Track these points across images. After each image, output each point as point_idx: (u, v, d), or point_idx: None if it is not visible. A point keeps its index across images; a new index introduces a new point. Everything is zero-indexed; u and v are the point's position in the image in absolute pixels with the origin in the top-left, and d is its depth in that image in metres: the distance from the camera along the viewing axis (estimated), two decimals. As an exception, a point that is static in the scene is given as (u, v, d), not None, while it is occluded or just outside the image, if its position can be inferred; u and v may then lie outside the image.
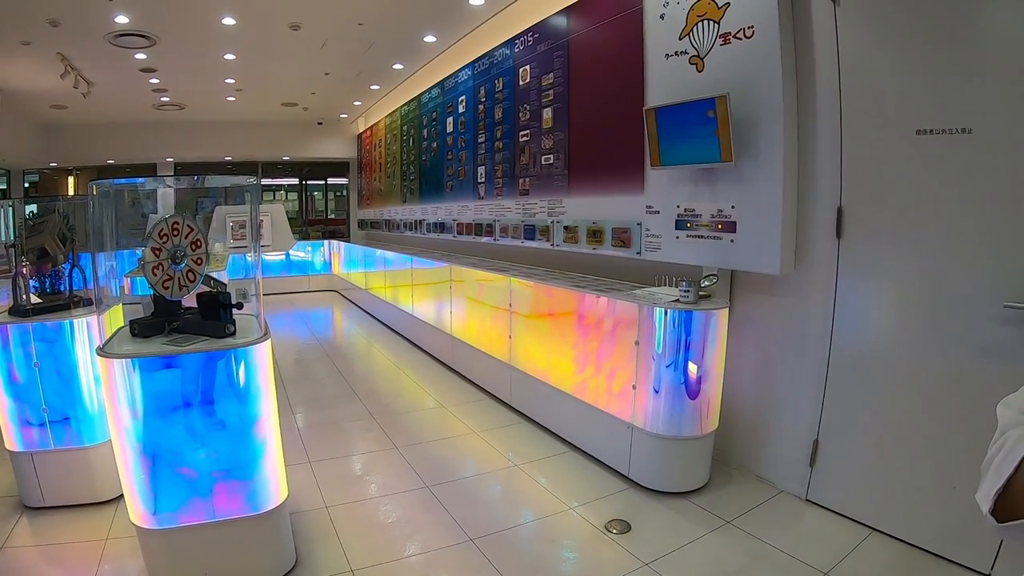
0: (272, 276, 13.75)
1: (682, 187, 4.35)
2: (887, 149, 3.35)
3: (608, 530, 3.54)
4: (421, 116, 9.90)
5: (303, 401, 6.13)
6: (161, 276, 2.92)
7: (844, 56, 3.54)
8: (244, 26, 7.33)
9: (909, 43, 3.27)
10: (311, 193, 17.89)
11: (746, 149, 3.84)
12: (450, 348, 7.20)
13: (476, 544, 3.39)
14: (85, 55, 8.20)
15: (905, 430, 3.34)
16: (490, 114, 7.30)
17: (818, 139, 3.69)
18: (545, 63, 6.07)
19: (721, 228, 4.06)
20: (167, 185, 3.86)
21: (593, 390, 4.49)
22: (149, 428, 2.67)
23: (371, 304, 11.14)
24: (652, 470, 4.03)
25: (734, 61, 3.93)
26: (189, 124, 13.42)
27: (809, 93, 3.72)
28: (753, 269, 3.98)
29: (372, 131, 13.43)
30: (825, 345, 3.71)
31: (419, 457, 4.58)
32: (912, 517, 3.31)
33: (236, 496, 2.87)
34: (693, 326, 3.86)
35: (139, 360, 2.65)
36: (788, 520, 3.68)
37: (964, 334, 3.05)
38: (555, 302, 5.01)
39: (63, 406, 3.63)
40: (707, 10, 4.07)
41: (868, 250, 3.49)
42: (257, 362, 2.87)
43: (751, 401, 4.21)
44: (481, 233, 7.55)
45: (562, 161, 5.82)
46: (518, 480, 4.28)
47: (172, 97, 11.24)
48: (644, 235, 4.71)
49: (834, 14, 3.55)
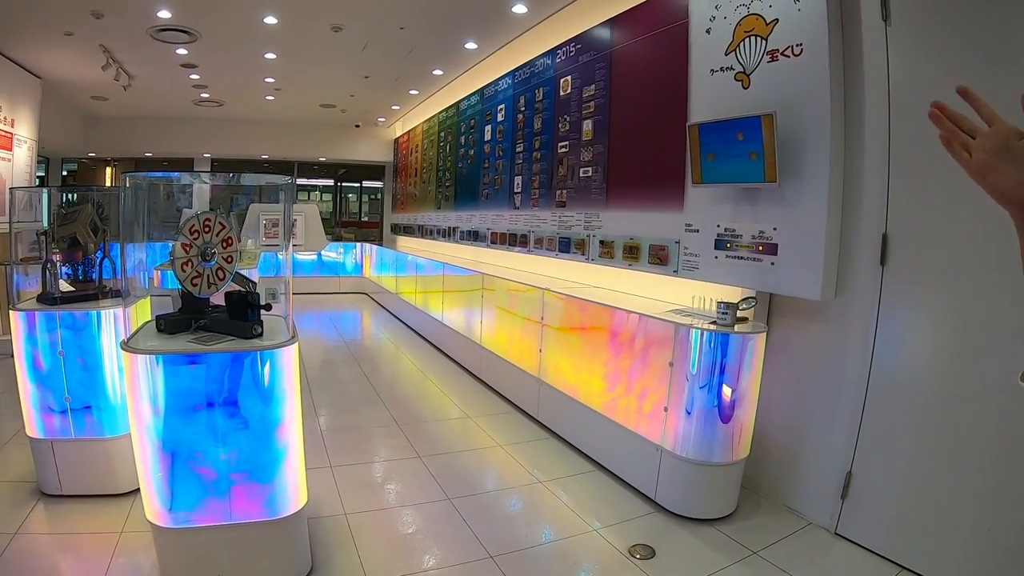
0: (303, 276, 13.81)
1: (723, 206, 4.25)
2: (936, 178, 3.23)
3: (632, 555, 3.44)
4: (459, 123, 9.87)
5: (327, 404, 6.10)
6: (190, 273, 2.89)
7: (894, 78, 3.43)
8: (285, 26, 7.35)
9: (963, 68, 3.15)
10: (346, 195, 17.99)
11: (791, 170, 3.74)
12: (478, 358, 7.14)
13: (495, 561, 3.31)
14: (127, 48, 8.28)
15: (941, 468, 3.21)
16: (529, 124, 7.24)
17: (865, 163, 3.58)
18: (586, 74, 6.00)
19: (762, 250, 3.96)
20: (203, 181, 3.84)
21: (623, 409, 4.40)
22: (170, 425, 2.64)
23: (400, 309, 11.13)
24: (679, 495, 3.93)
25: (781, 79, 3.83)
26: (227, 121, 13.56)
27: (857, 115, 3.61)
28: (793, 294, 3.87)
29: (409, 136, 13.45)
30: (863, 375, 3.59)
31: (442, 467, 4.51)
32: (944, 558, 3.18)
33: (254, 499, 2.82)
34: (729, 349, 3.76)
35: (164, 357, 2.62)
36: (816, 554, 3.56)
37: (1006, 373, 2.92)
38: (588, 317, 4.93)
39: (85, 396, 3.64)
40: (755, 26, 3.98)
41: (912, 280, 3.38)
42: (283, 365, 2.83)
43: (784, 429, 4.09)
44: (515, 243, 7.48)
45: (600, 174, 5.75)
46: (541, 497, 4.19)
47: (211, 94, 11.34)
48: (682, 253, 4.61)
49: (885, 34, 3.45)
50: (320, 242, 9.45)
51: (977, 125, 1.03)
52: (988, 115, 1.01)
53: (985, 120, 1.02)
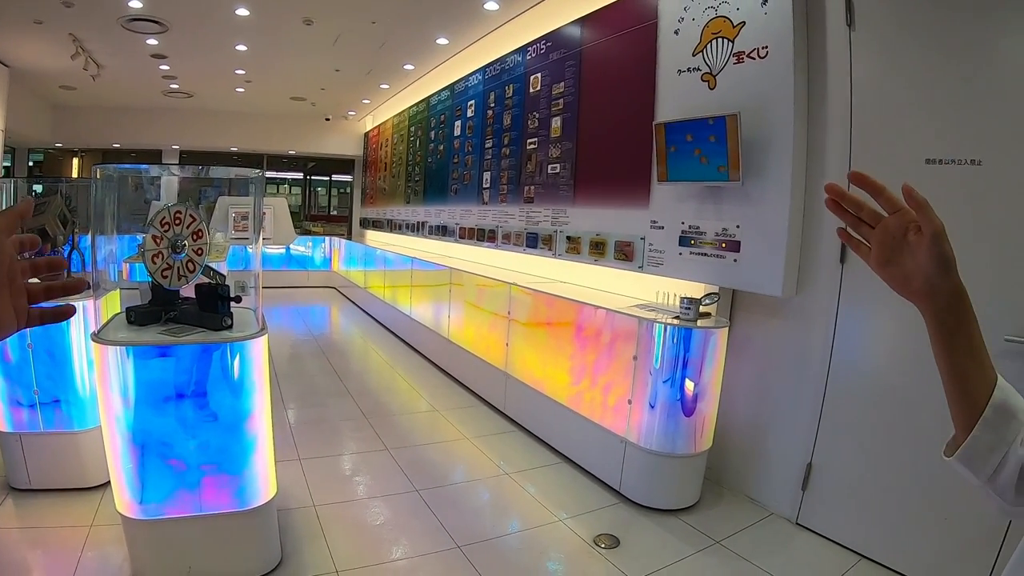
0: (272, 270, 13.71)
1: (688, 203, 4.33)
2: (895, 177, 3.25)
3: (597, 544, 3.51)
4: (429, 118, 9.88)
5: (296, 397, 6.10)
6: (160, 265, 2.90)
7: (857, 81, 3.53)
8: (257, 17, 7.32)
9: (922, 72, 3.27)
10: (315, 188, 17.90)
11: (754, 169, 3.83)
12: (446, 352, 7.18)
13: (463, 551, 3.36)
14: (97, 37, 8.18)
15: (900, 459, 3.32)
16: (499, 120, 7.28)
17: (826, 163, 3.68)
18: (556, 72, 6.06)
19: (725, 247, 4.04)
20: (172, 173, 3.84)
21: (588, 402, 4.48)
22: (140, 417, 2.66)
23: (369, 303, 11.13)
24: (644, 486, 4.01)
25: (746, 80, 3.92)
26: (197, 112, 13.41)
27: (820, 116, 3.71)
28: (755, 290, 3.97)
29: (379, 130, 13.42)
30: (823, 370, 3.70)
31: (409, 460, 4.55)
32: (903, 546, 3.29)
33: (224, 490, 2.85)
34: (692, 344, 3.84)
35: (134, 348, 2.63)
36: (778, 543, 3.66)
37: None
38: (554, 312, 5.00)
39: (55, 389, 3.62)
40: (722, 28, 4.06)
41: (871, 277, 3.45)
42: (253, 357, 2.85)
43: (746, 421, 4.19)
44: (484, 239, 7.52)
45: (568, 171, 5.81)
46: (508, 489, 4.25)
47: (181, 85, 11.22)
48: (647, 250, 4.69)
49: (849, 38, 3.55)
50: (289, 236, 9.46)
51: (878, 211, 0.97)
52: (887, 201, 0.94)
53: (884, 206, 0.95)
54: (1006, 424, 0.94)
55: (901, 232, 0.94)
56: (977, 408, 0.95)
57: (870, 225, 0.98)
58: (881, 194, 0.94)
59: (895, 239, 0.95)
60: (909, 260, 0.94)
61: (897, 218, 0.94)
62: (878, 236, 0.97)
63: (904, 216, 0.93)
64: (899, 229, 0.94)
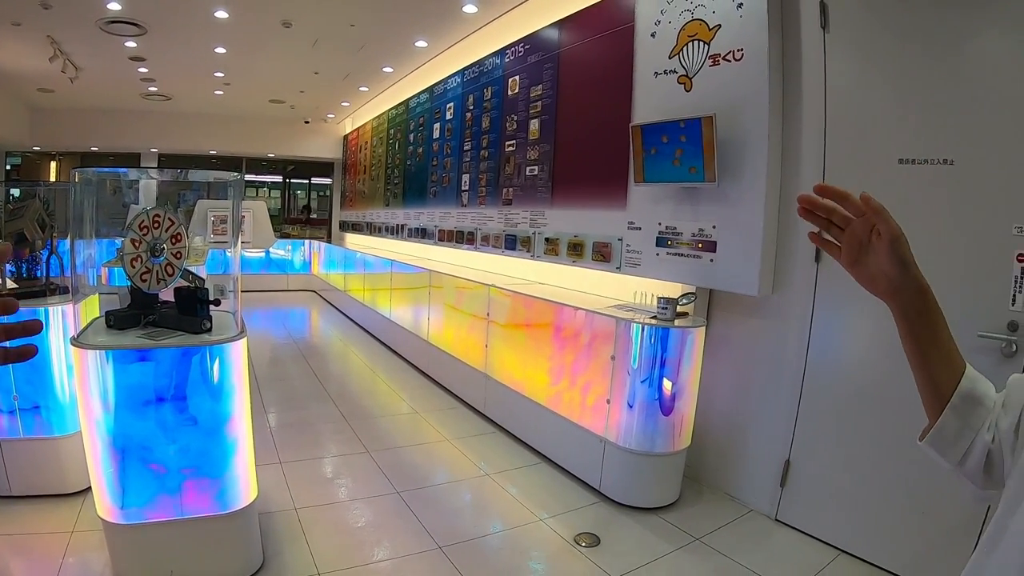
0: (251, 273, 13.63)
1: (664, 204, 4.37)
2: (869, 176, 3.40)
3: (577, 543, 3.54)
4: (408, 121, 9.88)
5: (276, 401, 6.09)
6: (139, 268, 2.90)
7: (831, 83, 3.59)
8: (236, 20, 7.30)
9: (896, 73, 3.33)
10: (294, 192, 17.83)
11: (730, 170, 3.88)
12: (426, 354, 7.19)
13: (445, 552, 3.38)
14: (75, 39, 8.13)
15: (876, 454, 3.37)
16: (477, 122, 7.30)
17: (801, 164, 3.73)
18: (534, 74, 6.09)
19: (701, 247, 4.09)
20: (150, 177, 3.83)
21: (567, 403, 4.51)
22: (120, 421, 2.66)
23: (349, 306, 11.11)
24: (623, 485, 4.05)
25: (722, 82, 3.96)
26: (175, 116, 13.32)
27: (795, 118, 3.76)
28: (731, 289, 4.01)
29: (358, 133, 13.39)
30: (800, 368, 3.75)
31: (390, 462, 4.56)
32: (881, 540, 3.35)
33: (205, 494, 2.85)
34: (669, 343, 3.88)
35: (113, 352, 2.63)
36: (757, 539, 3.70)
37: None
38: (533, 313, 5.03)
39: (34, 394, 3.59)
40: (698, 31, 4.10)
41: (845, 276, 3.50)
42: (232, 360, 2.86)
43: (724, 420, 4.24)
44: (463, 241, 7.54)
45: (546, 173, 5.84)
46: (489, 490, 4.27)
47: (160, 87, 11.16)
48: (625, 251, 4.73)
49: (823, 41, 3.60)
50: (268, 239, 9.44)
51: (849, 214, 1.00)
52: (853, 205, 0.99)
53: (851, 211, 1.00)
54: (972, 411, 1.02)
55: (866, 235, 1.00)
56: (944, 397, 1.03)
57: (840, 228, 1.03)
58: (846, 199, 0.99)
59: (861, 242, 1.01)
60: (873, 261, 1.01)
61: (862, 222, 1.00)
62: (846, 238, 1.02)
63: (868, 220, 0.99)
64: (864, 232, 1.00)
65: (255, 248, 11.80)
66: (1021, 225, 2.85)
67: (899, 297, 1.02)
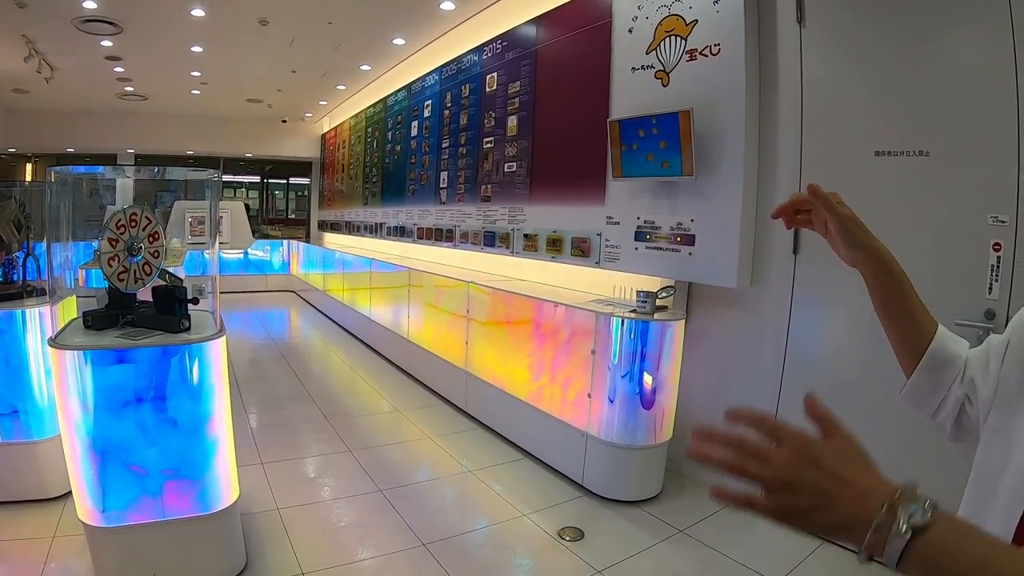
0: (229, 274, 13.50)
1: (642, 199, 4.40)
2: (845, 169, 3.44)
3: (561, 537, 3.55)
4: (386, 119, 9.87)
5: (257, 401, 6.06)
6: (117, 268, 2.88)
7: (807, 77, 3.62)
8: (212, 18, 7.26)
9: (871, 67, 3.37)
10: (272, 192, 17.74)
11: (707, 164, 3.90)
12: (407, 352, 7.19)
13: (429, 549, 3.38)
14: (50, 38, 8.05)
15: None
16: (455, 120, 7.31)
17: (778, 157, 3.76)
18: (512, 71, 6.10)
19: (680, 241, 4.11)
20: (127, 176, 3.80)
21: (548, 398, 4.52)
22: (99, 423, 2.63)
23: (329, 306, 11.07)
24: (606, 478, 4.06)
25: (699, 77, 3.99)
26: (152, 116, 13.22)
27: (772, 112, 3.80)
28: (710, 282, 4.04)
29: (336, 132, 13.35)
30: (779, 359, 3.78)
31: (372, 461, 4.55)
32: (862, 529, 3.37)
33: (186, 495, 2.83)
34: (649, 337, 3.90)
35: (91, 352, 2.61)
36: (741, 530, 3.70)
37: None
38: (512, 310, 5.03)
39: (12, 399, 3.55)
40: (675, 26, 4.13)
41: (823, 267, 3.57)
42: (211, 359, 2.84)
43: (705, 412, 4.25)
44: (441, 238, 7.54)
45: (525, 169, 5.85)
46: (472, 486, 4.28)
47: (136, 87, 11.07)
48: (604, 245, 4.75)
49: (800, 35, 3.64)
50: (247, 240, 9.38)
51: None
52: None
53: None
54: (944, 368, 1.12)
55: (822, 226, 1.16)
56: (917, 355, 1.13)
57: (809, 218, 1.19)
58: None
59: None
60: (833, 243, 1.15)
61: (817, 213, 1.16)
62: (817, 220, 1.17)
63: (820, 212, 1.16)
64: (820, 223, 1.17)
65: (233, 249, 11.74)
66: (997, 215, 2.90)
67: (861, 267, 1.14)
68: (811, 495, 0.72)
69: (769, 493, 0.74)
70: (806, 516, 0.73)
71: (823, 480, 0.72)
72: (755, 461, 0.75)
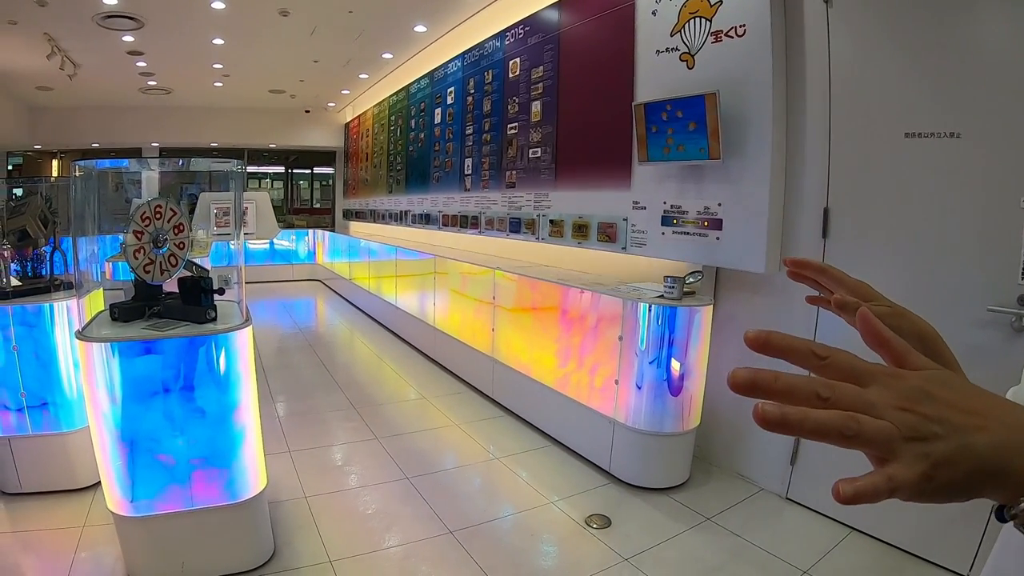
0: (255, 264, 13.63)
1: (669, 183, 4.34)
2: (875, 151, 3.37)
3: (588, 525, 3.54)
4: (409, 106, 9.85)
5: (284, 390, 6.09)
6: (143, 260, 2.89)
7: (835, 57, 3.54)
8: (233, 10, 7.27)
9: (900, 47, 3.28)
10: (297, 182, 17.81)
11: (734, 147, 3.84)
12: (432, 340, 7.19)
13: (456, 536, 3.38)
14: (72, 36, 8.11)
15: (885, 431, 3.34)
16: (479, 106, 7.27)
17: (806, 139, 3.69)
18: (535, 56, 6.05)
19: (707, 225, 4.06)
20: (151, 168, 3.81)
21: (575, 385, 4.49)
22: (127, 413, 2.65)
23: (354, 294, 11.11)
24: (633, 466, 4.04)
25: (725, 59, 3.92)
26: (175, 109, 13.30)
27: (799, 93, 3.72)
28: (738, 267, 3.98)
29: (359, 120, 13.36)
30: (808, 344, 3.72)
31: (399, 448, 4.56)
32: (891, 517, 3.33)
33: (214, 484, 2.85)
34: (677, 322, 3.86)
35: (118, 344, 2.62)
36: (768, 518, 3.69)
37: (947, 337, 3.04)
38: (539, 296, 5.00)
39: (41, 391, 3.58)
40: (699, 7, 4.06)
41: (853, 251, 3.50)
42: (238, 348, 2.85)
43: (733, 399, 4.20)
44: (467, 225, 7.53)
45: (549, 154, 5.81)
46: (498, 473, 4.27)
47: (159, 81, 11.13)
48: (630, 230, 4.71)
49: (826, 15, 3.56)
50: (272, 230, 9.42)
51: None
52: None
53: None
54: None
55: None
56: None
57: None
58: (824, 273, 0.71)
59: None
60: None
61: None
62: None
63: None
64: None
65: (259, 239, 11.80)
66: (1030, 198, 2.82)
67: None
68: (950, 437, 0.49)
69: (896, 456, 0.51)
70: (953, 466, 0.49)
71: (955, 415, 0.50)
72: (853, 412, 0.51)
